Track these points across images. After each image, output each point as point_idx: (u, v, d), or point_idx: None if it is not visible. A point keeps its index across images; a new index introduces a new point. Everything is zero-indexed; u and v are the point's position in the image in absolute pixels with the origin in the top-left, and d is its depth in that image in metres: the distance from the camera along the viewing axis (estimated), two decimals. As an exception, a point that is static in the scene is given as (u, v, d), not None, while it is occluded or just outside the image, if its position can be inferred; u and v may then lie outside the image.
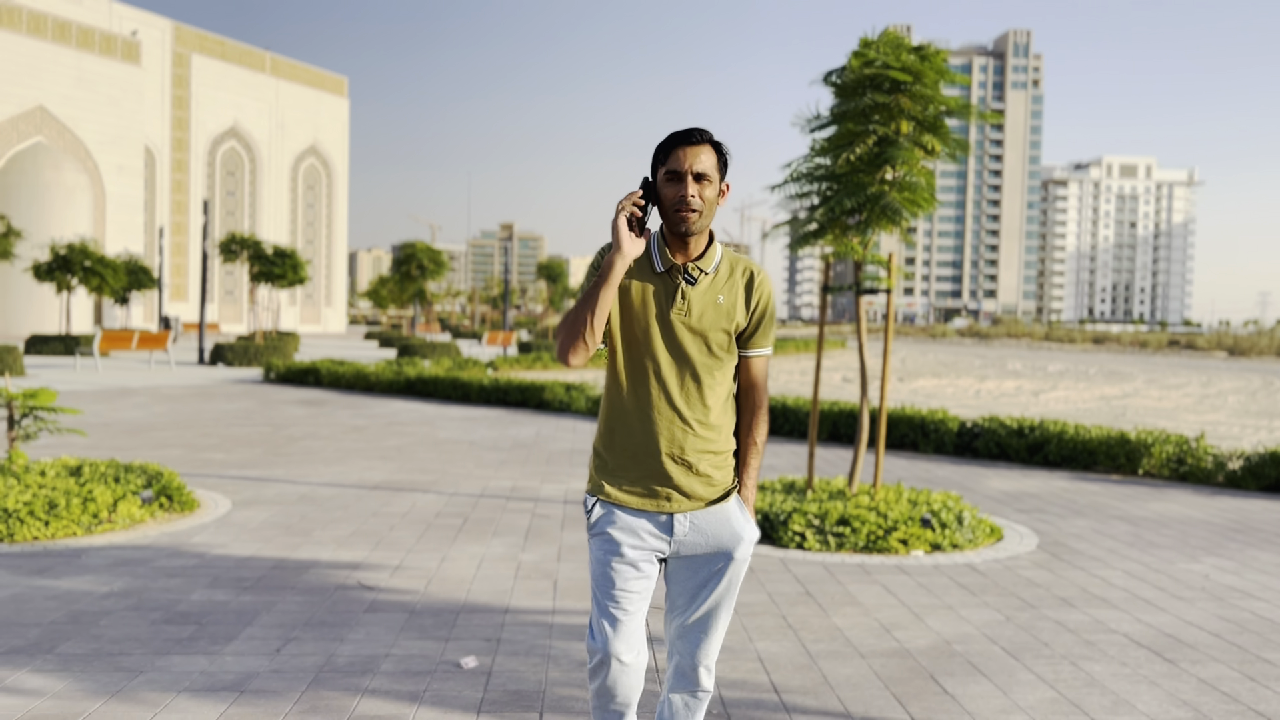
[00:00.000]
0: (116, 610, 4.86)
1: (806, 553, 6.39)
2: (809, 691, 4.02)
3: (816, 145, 7.23)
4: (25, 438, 7.32)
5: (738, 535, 2.59)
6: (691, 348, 2.53)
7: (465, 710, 3.74)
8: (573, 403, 15.41)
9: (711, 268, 2.58)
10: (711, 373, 2.55)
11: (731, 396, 2.63)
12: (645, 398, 2.53)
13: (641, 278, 2.56)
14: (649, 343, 2.53)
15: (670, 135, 2.53)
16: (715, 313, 2.55)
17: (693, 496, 2.55)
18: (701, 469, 2.54)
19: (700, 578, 2.61)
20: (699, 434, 2.53)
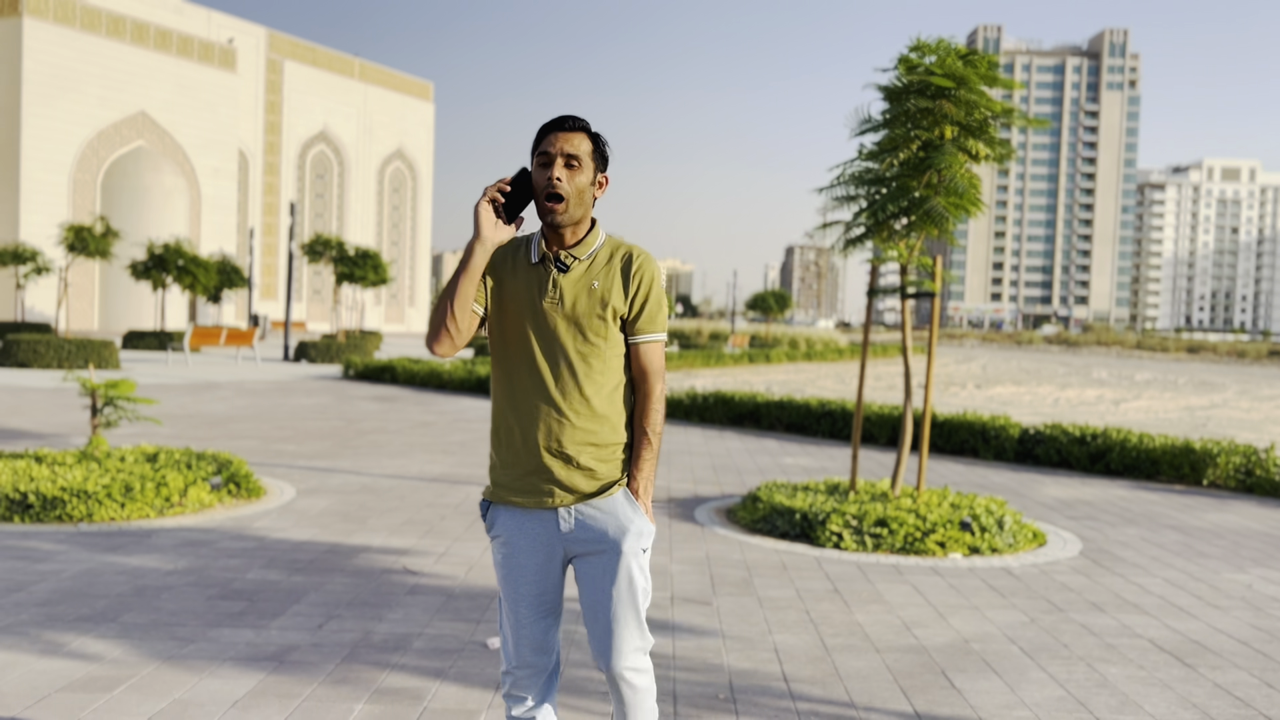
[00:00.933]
0: (177, 586, 5.20)
1: (843, 553, 6.48)
2: (817, 682, 4.13)
3: (864, 149, 7.31)
4: (106, 425, 7.79)
5: (623, 528, 2.47)
6: (565, 337, 2.44)
7: (485, 687, 3.95)
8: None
9: (587, 255, 2.49)
10: (588, 360, 2.44)
11: (620, 387, 2.50)
12: (522, 391, 2.46)
13: (516, 271, 2.50)
14: (523, 335, 2.46)
15: (546, 123, 2.45)
16: (589, 299, 2.45)
17: (573, 490, 2.45)
18: (583, 461, 2.44)
19: (594, 573, 2.50)
20: (576, 425, 2.43)
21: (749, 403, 14.21)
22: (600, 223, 2.55)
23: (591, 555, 2.49)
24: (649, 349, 2.51)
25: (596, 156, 2.47)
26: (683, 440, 12.41)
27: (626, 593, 2.49)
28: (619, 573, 2.48)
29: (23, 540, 6.04)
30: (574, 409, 2.43)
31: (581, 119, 2.46)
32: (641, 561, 2.52)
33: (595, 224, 2.54)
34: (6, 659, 4.06)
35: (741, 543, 6.73)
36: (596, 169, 2.48)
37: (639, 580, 2.51)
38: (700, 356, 30.14)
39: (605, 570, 2.48)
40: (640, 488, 2.52)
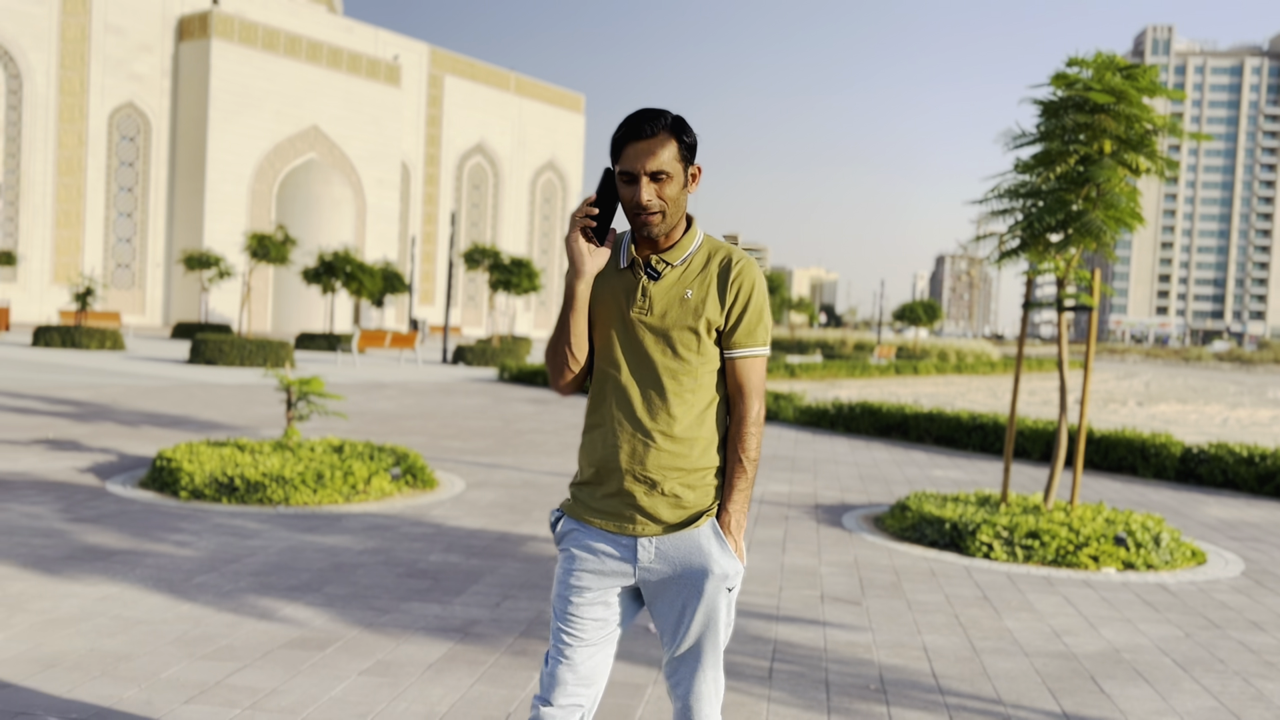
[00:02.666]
0: (369, 564, 5.76)
1: (993, 563, 6.55)
2: (965, 679, 4.30)
3: (1020, 162, 7.35)
4: (299, 419, 8.55)
5: (706, 568, 2.24)
6: (654, 350, 2.25)
7: (648, 666, 4.29)
8: (781, 411, 15.79)
9: (681, 260, 2.28)
10: (678, 378, 2.24)
11: (714, 406, 2.29)
12: (608, 407, 2.27)
13: (606, 277, 2.31)
14: (610, 347, 2.28)
15: (620, 125, 2.21)
16: (681, 309, 2.24)
17: (658, 519, 2.25)
18: (668, 488, 2.23)
19: (675, 612, 2.29)
20: (662, 448, 2.22)
21: (896, 414, 14.18)
22: (698, 221, 2.32)
23: (669, 591, 2.28)
24: (747, 364, 2.28)
25: (683, 154, 2.22)
26: (828, 449, 12.53)
27: (709, 638, 2.30)
28: (700, 615, 2.27)
29: (231, 519, 6.75)
30: (660, 430, 2.23)
31: (659, 116, 2.20)
32: (727, 601, 2.29)
33: (692, 223, 2.31)
34: (234, 619, 4.65)
35: (890, 549, 6.88)
36: (685, 168, 2.24)
37: (721, 619, 2.30)
38: (844, 367, 29.94)
39: (685, 609, 2.27)
40: (732, 522, 2.28)
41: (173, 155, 53.57)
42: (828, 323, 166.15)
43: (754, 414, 2.30)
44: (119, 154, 51.85)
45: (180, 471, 7.44)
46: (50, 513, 6.65)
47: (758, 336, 2.28)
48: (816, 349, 52.98)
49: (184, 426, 11.53)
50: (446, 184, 71.28)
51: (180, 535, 6.21)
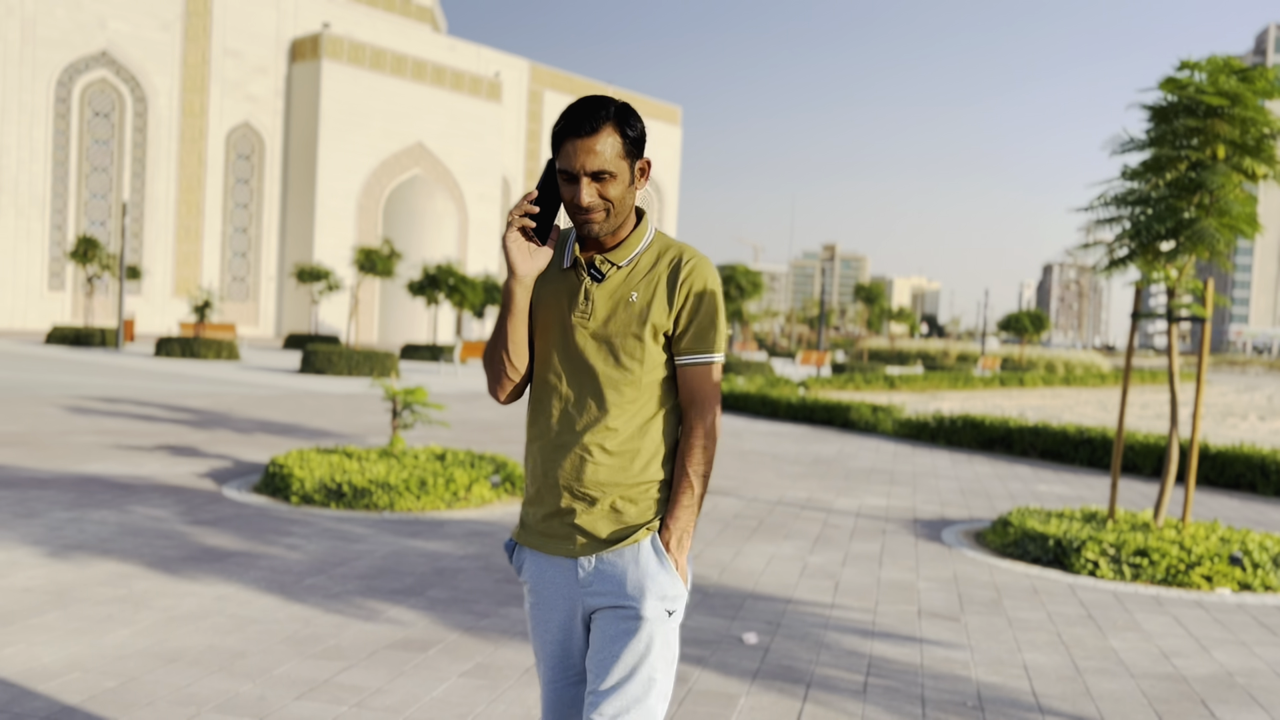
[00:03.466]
0: (469, 569, 5.91)
1: (1098, 580, 6.36)
2: (1067, 699, 4.20)
3: (1127, 169, 7.15)
4: (404, 427, 8.82)
5: (642, 585, 2.05)
6: (595, 358, 2.09)
7: (741, 677, 4.31)
8: (879, 423, 15.57)
9: (627, 260, 2.11)
10: (619, 388, 2.08)
11: (661, 416, 2.12)
12: (546, 419, 2.13)
13: (548, 278, 2.16)
14: (550, 354, 2.13)
15: (560, 117, 2.03)
16: (625, 314, 2.08)
17: (595, 536, 2.09)
18: (607, 504, 2.08)
19: (606, 636, 2.09)
20: (600, 462, 2.07)
21: (1000, 427, 13.85)
22: (650, 216, 2.16)
23: (606, 611, 2.10)
24: (698, 372, 2.11)
25: (629, 149, 2.04)
26: (928, 463, 12.32)
27: (640, 669, 2.06)
28: (634, 641, 2.05)
29: (339, 524, 7.01)
30: (599, 443, 2.08)
31: (601, 108, 2.01)
32: (665, 629, 2.08)
33: (643, 218, 2.14)
34: (341, 620, 4.84)
35: (991, 565, 6.75)
36: (632, 164, 2.06)
37: (657, 650, 2.07)
38: (946, 378, 29.32)
39: (619, 633, 2.07)
40: (673, 540, 2.08)
41: (285, 172, 55.67)
42: (929, 333, 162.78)
43: (705, 425, 2.11)
44: (235, 172, 54.12)
45: (291, 477, 7.75)
46: (171, 515, 7.00)
47: (709, 342, 2.11)
48: (917, 360, 52.00)
49: (295, 434, 11.98)
50: (545, 197, 72.28)
51: (291, 539, 6.47)
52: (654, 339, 2.09)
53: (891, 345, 58.09)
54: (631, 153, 2.05)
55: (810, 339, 77.15)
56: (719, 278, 2.12)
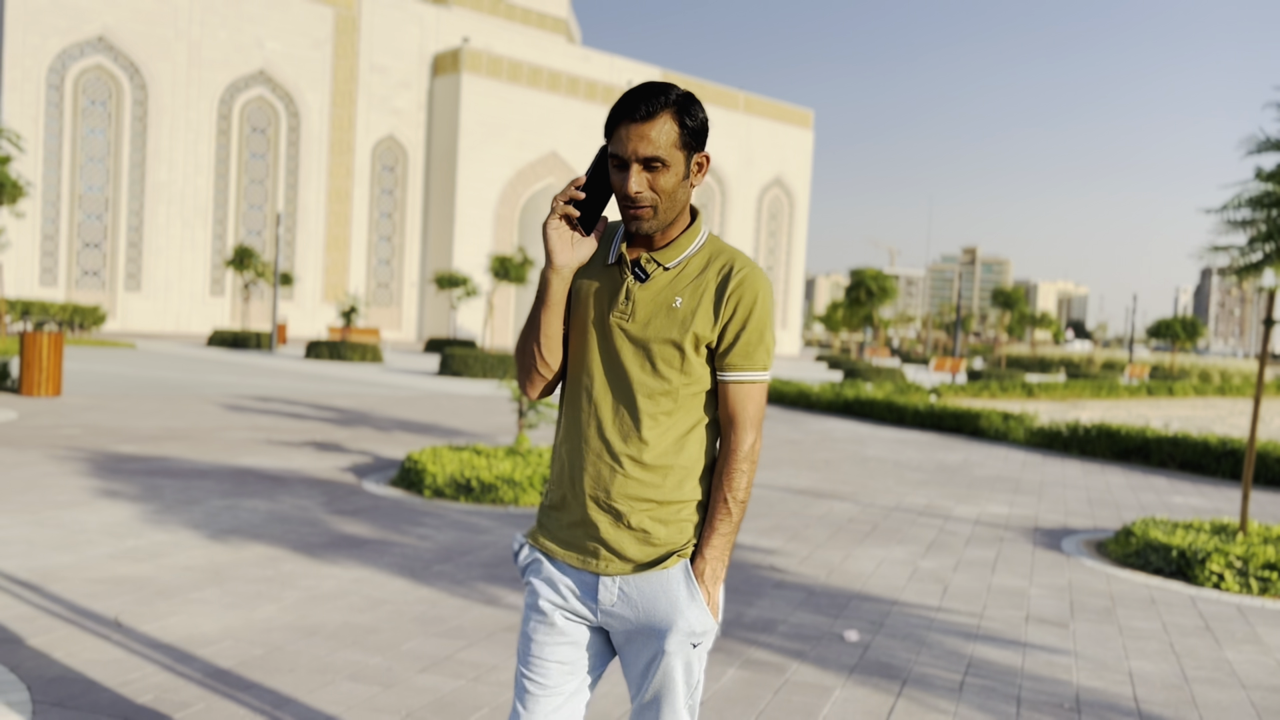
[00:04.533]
0: (585, 562, 6.21)
1: (1222, 593, 6.20)
2: (1170, 705, 4.18)
3: (1262, 172, 6.92)
4: (529, 426, 9.22)
5: (670, 619, 1.97)
6: (631, 364, 1.98)
7: (839, 671, 4.45)
8: (1010, 432, 15.24)
9: (675, 262, 1.99)
10: (654, 398, 1.97)
11: (698, 432, 2.01)
12: (576, 423, 2.03)
13: (590, 273, 2.05)
14: (585, 353, 2.02)
15: (617, 102, 1.92)
16: (666, 319, 1.96)
17: (623, 556, 1.99)
18: (634, 521, 1.98)
19: (640, 662, 2.04)
20: (631, 475, 1.96)
21: (1136, 436, 13.39)
22: (703, 216, 2.03)
23: (634, 640, 2.03)
24: (742, 391, 1.99)
25: (686, 139, 1.92)
26: (1058, 472, 12.03)
27: (670, 695, 2.02)
28: (661, 670, 2.00)
29: (466, 516, 7.42)
30: (630, 455, 1.97)
31: (661, 93, 1.89)
32: (691, 659, 2.01)
33: (696, 218, 2.03)
34: (464, 604, 5.19)
35: (1109, 575, 6.64)
36: (689, 156, 1.94)
37: (679, 678, 2.01)
38: (1089, 387, 28.27)
39: (648, 661, 2.02)
40: (706, 570, 1.99)
41: (427, 183, 57.85)
42: (1075, 340, 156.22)
43: (745, 447, 1.99)
44: (380, 183, 56.56)
45: (425, 472, 8.23)
46: (316, 505, 7.56)
47: (757, 359, 1.99)
48: (1060, 368, 50.14)
49: (430, 432, 12.61)
50: (676, 203, 72.82)
51: (422, 529, 6.91)
52: (695, 350, 1.96)
53: (1033, 352, 56.15)
54: (689, 144, 1.92)
55: (946, 345, 75.22)
56: (771, 291, 1.98)
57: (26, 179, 28.48)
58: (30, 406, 13.03)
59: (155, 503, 7.28)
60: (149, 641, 4.35)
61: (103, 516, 6.73)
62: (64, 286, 46.35)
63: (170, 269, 49.13)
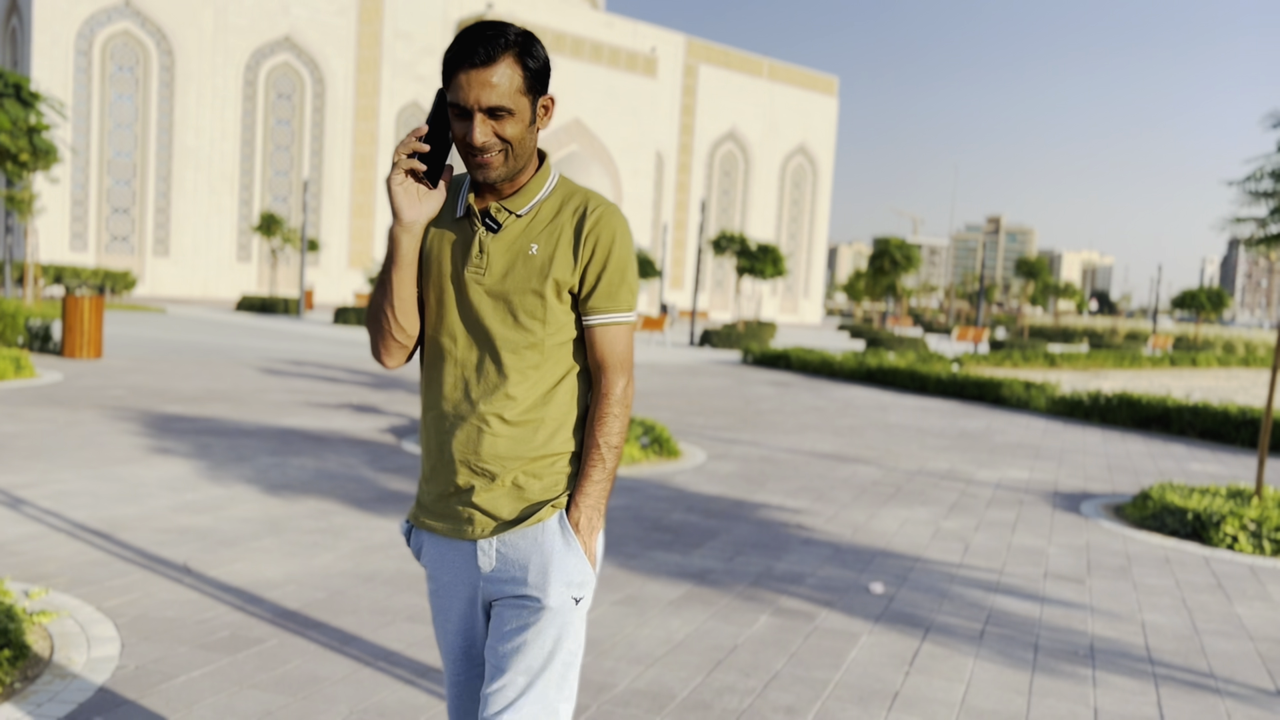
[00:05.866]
0: (620, 519, 6.49)
1: (1236, 554, 6.41)
2: (1179, 654, 4.42)
3: (1285, 144, 7.04)
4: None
5: (546, 569, 1.88)
6: (491, 319, 1.90)
7: (865, 619, 4.71)
8: (1032, 400, 15.40)
9: (526, 208, 1.91)
10: (519, 352, 1.89)
11: (568, 382, 1.94)
12: (439, 386, 1.94)
13: (440, 227, 1.96)
14: (443, 314, 1.94)
15: (452, 43, 1.82)
16: (524, 268, 1.88)
17: (497, 516, 1.91)
18: (508, 480, 1.90)
19: (506, 629, 1.91)
20: (499, 434, 1.89)
21: (1157, 406, 13.53)
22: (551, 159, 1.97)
23: (507, 600, 1.92)
24: (608, 334, 1.93)
25: (530, 83, 1.83)
26: (1078, 439, 12.21)
27: (543, 666, 1.89)
28: (532, 633, 1.88)
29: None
30: (496, 412, 1.89)
31: (499, 35, 1.79)
32: (571, 620, 1.90)
33: (544, 161, 1.96)
34: (508, 554, 5.48)
35: (1125, 536, 6.86)
36: (534, 100, 1.85)
37: (564, 643, 1.90)
38: (1112, 357, 28.29)
39: (520, 624, 1.90)
40: (581, 519, 1.91)
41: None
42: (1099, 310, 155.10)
43: (617, 391, 1.93)
44: (404, 150, 56.82)
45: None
46: (359, 463, 7.87)
47: (620, 300, 1.92)
48: (1083, 338, 49.98)
49: (461, 397, 12.90)
50: (698, 171, 72.70)
51: (463, 486, 7.20)
52: (557, 297, 1.89)
53: (1056, 322, 55.93)
54: (533, 88, 1.84)
55: (969, 315, 74.99)
56: (629, 228, 1.93)
57: (67, 144, 28.86)
58: (74, 368, 13.42)
59: (207, 460, 7.60)
60: (219, 585, 4.66)
61: (159, 472, 7.06)
62: (94, 252, 46.97)
63: (198, 234, 49.63)
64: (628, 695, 3.64)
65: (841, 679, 3.92)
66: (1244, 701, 3.92)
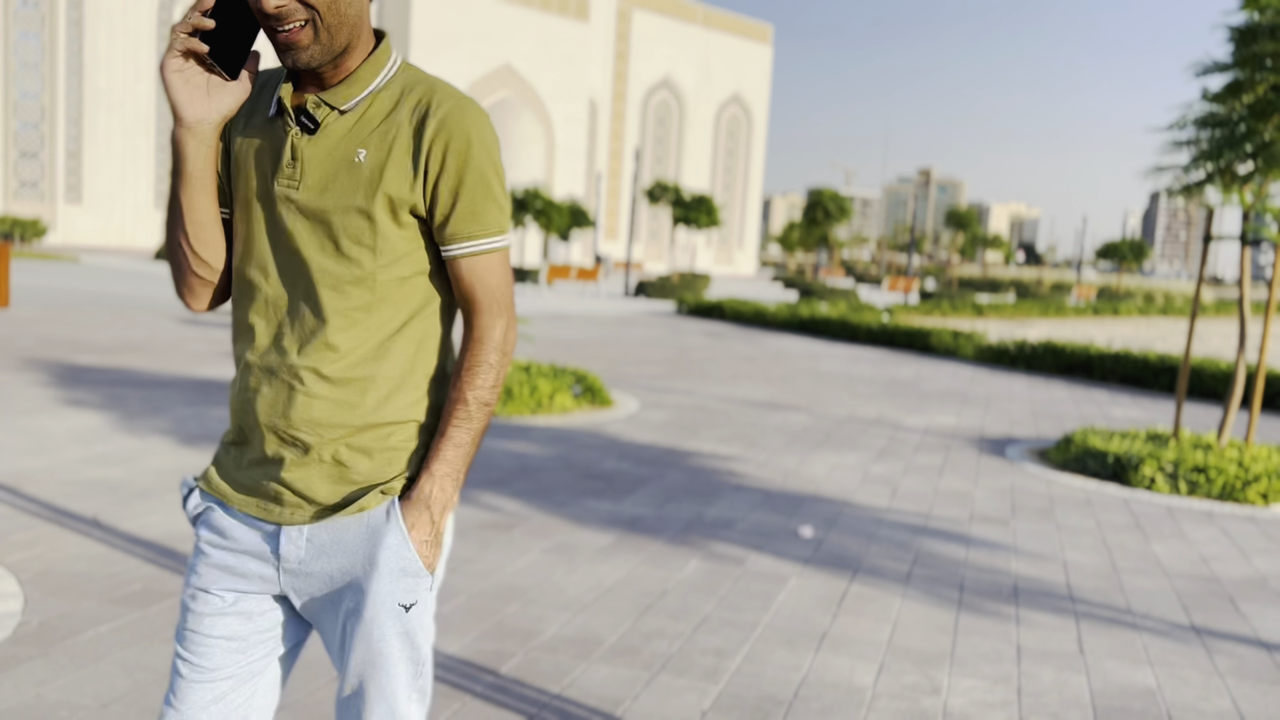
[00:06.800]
0: (551, 467, 6.41)
1: (1154, 495, 6.58)
2: (1099, 592, 4.51)
3: (1208, 93, 7.13)
4: (491, 339, 9.34)
5: (370, 575, 1.49)
6: (307, 245, 1.48)
7: (794, 561, 4.72)
8: (960, 348, 15.64)
9: (354, 101, 1.48)
10: (342, 289, 1.47)
11: (413, 331, 1.52)
12: (249, 331, 1.54)
13: (249, 132, 1.54)
14: (252, 240, 1.52)
15: None
16: (348, 180, 1.46)
17: (312, 499, 1.51)
18: (327, 453, 1.50)
19: (339, 636, 1.56)
20: (316, 394, 1.48)
21: (1081, 353, 13.84)
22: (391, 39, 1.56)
23: (329, 608, 1.55)
24: (476, 265, 1.51)
25: None
26: (1004, 386, 12.44)
27: (381, 670, 1.53)
28: (364, 638, 1.52)
29: (432, 425, 7.57)
30: (314, 367, 1.48)
31: None
32: (410, 625, 1.52)
33: (381, 42, 1.52)
34: (435, 503, 5.37)
35: (1049, 479, 7.00)
36: None
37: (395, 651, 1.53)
38: (1038, 306, 28.91)
39: (349, 630, 1.53)
40: (434, 489, 1.50)
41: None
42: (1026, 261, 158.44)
43: (494, 336, 1.53)
44: (330, 95, 55.26)
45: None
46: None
47: (487, 221, 1.50)
48: (1010, 288, 50.99)
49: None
50: (632, 120, 72.06)
51: (389, 436, 7.06)
52: (392, 218, 1.47)
53: (984, 273, 56.95)
54: None
55: (900, 266, 75.97)
56: (490, 129, 1.50)
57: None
58: (-20, 318, 12.85)
59: (120, 411, 7.33)
60: (131, 538, 4.48)
61: (69, 424, 6.78)
62: (0, 198, 45.01)
63: (112, 181, 47.84)
64: (555, 642, 3.59)
65: (770, 621, 3.92)
66: (1160, 635, 4.01)
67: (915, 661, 3.61)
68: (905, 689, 3.37)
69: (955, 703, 3.29)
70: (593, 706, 3.11)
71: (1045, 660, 3.69)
